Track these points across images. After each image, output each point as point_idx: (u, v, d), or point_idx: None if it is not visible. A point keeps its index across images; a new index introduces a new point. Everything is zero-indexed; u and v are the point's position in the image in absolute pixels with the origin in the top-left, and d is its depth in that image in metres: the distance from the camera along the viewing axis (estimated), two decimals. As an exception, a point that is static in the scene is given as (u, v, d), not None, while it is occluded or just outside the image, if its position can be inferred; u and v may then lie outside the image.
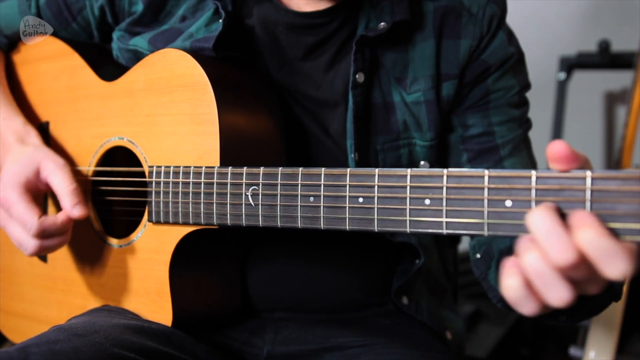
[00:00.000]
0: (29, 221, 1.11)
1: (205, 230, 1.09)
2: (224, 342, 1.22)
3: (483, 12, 1.19)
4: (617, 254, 0.67)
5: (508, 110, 1.22)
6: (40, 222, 1.11)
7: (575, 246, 0.68)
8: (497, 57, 1.20)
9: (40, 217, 1.12)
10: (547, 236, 0.69)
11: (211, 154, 1.07)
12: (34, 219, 1.11)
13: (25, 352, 0.93)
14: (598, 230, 0.67)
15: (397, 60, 1.18)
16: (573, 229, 0.68)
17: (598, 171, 0.70)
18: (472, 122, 1.22)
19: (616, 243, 0.67)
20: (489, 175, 0.77)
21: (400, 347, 1.17)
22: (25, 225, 1.12)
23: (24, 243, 1.14)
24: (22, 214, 1.12)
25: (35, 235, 1.11)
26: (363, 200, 0.87)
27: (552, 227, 0.69)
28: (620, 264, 0.67)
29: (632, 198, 0.68)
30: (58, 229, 1.13)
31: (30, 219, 1.11)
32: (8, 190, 1.15)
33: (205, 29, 1.19)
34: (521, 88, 1.24)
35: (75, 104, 1.30)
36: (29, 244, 1.13)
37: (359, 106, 1.16)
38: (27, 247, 1.13)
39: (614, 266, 0.67)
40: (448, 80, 1.19)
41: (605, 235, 0.67)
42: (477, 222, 0.77)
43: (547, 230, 0.69)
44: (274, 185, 0.96)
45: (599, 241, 0.67)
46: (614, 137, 2.78)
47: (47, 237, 1.13)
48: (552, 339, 2.46)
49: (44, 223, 1.11)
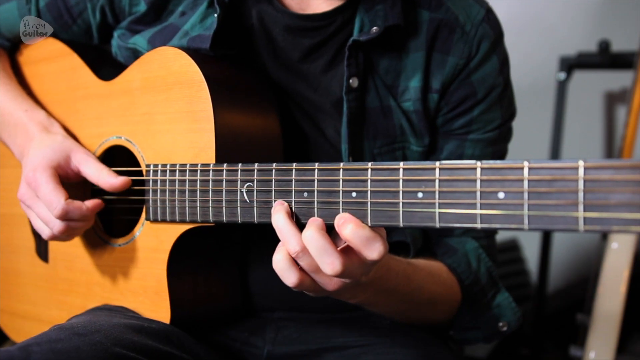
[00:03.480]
0: (54, 201, 1.13)
1: (203, 228, 1.09)
2: (224, 342, 1.22)
3: (475, 31, 1.18)
4: (375, 239, 0.85)
5: (484, 146, 1.23)
6: (66, 203, 1.12)
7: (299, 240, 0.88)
8: (485, 85, 1.20)
9: (66, 199, 1.13)
10: (281, 234, 0.91)
11: (207, 152, 1.07)
12: (60, 200, 1.12)
13: (27, 351, 0.94)
14: (356, 224, 0.85)
15: (390, 68, 1.18)
16: (340, 228, 0.86)
17: (591, 160, 0.69)
18: (446, 147, 1.23)
19: (370, 231, 0.85)
20: (481, 167, 0.76)
21: (400, 347, 1.16)
22: (51, 205, 1.13)
23: (50, 223, 1.15)
24: (49, 194, 1.14)
25: (59, 216, 1.12)
26: (356, 194, 0.87)
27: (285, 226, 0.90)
28: (378, 246, 0.85)
29: (625, 187, 0.67)
30: (82, 214, 1.14)
31: (57, 199, 1.13)
32: (38, 171, 1.16)
33: (199, 25, 1.19)
34: (503, 121, 1.24)
35: (75, 104, 1.31)
36: (55, 224, 1.14)
37: (353, 111, 1.16)
38: (53, 226, 1.14)
39: (373, 249, 0.85)
40: (433, 92, 1.19)
41: (362, 227, 0.85)
42: (470, 213, 0.77)
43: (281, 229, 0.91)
44: (269, 181, 0.96)
45: (357, 232, 0.85)
46: (614, 137, 2.77)
47: (72, 220, 1.14)
48: (552, 339, 2.45)
49: (69, 205, 1.13)
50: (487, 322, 1.24)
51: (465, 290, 1.20)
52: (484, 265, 1.24)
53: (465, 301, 1.21)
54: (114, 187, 1.15)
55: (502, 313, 1.25)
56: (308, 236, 0.87)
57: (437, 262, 1.21)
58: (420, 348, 1.17)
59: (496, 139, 1.24)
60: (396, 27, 1.15)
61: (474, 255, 1.23)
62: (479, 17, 1.19)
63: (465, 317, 1.23)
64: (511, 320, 1.25)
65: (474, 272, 1.22)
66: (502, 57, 1.23)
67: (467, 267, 1.21)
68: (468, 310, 1.22)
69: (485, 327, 1.24)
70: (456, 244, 1.24)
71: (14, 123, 1.29)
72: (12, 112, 1.29)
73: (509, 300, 1.26)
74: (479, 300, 1.23)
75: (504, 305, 1.25)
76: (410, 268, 1.09)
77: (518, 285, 2.64)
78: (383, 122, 1.19)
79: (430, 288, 1.15)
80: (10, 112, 1.30)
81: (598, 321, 1.79)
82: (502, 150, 1.28)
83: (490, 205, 0.76)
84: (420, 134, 1.20)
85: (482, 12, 1.20)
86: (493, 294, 1.25)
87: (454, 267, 1.20)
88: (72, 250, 1.29)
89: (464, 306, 1.22)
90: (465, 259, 1.22)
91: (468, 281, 1.21)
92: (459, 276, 1.20)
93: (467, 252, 1.23)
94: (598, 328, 1.78)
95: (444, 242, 1.25)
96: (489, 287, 1.24)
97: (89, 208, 1.15)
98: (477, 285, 1.22)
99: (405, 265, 1.08)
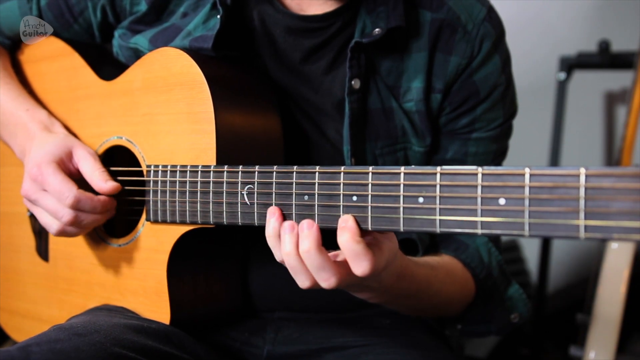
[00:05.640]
0: (66, 191, 1.13)
1: (203, 230, 1.09)
2: (224, 342, 1.22)
3: (477, 31, 1.18)
4: (363, 256, 0.85)
5: (487, 143, 1.24)
6: (78, 192, 1.13)
7: None
8: (488, 84, 1.20)
9: (78, 189, 1.13)
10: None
11: (208, 153, 1.07)
12: (72, 189, 1.13)
13: (27, 352, 0.94)
14: (352, 235, 0.85)
15: (392, 69, 1.18)
16: (338, 231, 0.86)
17: (592, 168, 0.69)
18: (450, 147, 1.24)
19: (362, 248, 0.85)
20: (483, 173, 0.76)
21: (400, 347, 1.17)
22: (62, 195, 1.13)
23: (58, 212, 1.14)
24: (59, 185, 1.14)
25: (71, 205, 1.12)
26: (357, 198, 0.87)
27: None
28: (365, 264, 0.85)
29: (627, 195, 0.67)
30: (94, 205, 1.14)
31: (68, 189, 1.13)
32: (43, 165, 1.16)
33: (202, 26, 1.19)
34: (505, 120, 1.25)
35: (75, 103, 1.31)
36: (64, 213, 1.13)
37: (355, 112, 1.16)
38: (63, 216, 1.14)
39: (358, 265, 0.85)
40: (436, 93, 1.20)
41: (356, 241, 0.85)
42: (470, 220, 0.77)
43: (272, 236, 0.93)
44: (269, 183, 0.96)
45: (349, 244, 0.85)
46: (614, 137, 2.77)
47: (82, 211, 1.14)
48: (552, 339, 2.45)
49: (80, 194, 1.13)
50: (499, 315, 1.25)
51: (480, 285, 1.22)
52: (494, 259, 1.25)
53: (479, 295, 1.23)
54: (102, 191, 1.15)
55: (514, 305, 1.26)
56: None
57: (451, 258, 1.22)
58: (420, 348, 1.17)
59: (498, 136, 1.25)
60: (398, 29, 1.15)
61: (485, 250, 1.24)
62: (481, 16, 1.19)
63: (478, 311, 1.24)
64: (522, 312, 1.26)
65: (487, 266, 1.23)
66: (504, 55, 1.23)
67: (480, 261, 1.22)
68: (481, 305, 1.24)
69: (498, 320, 1.26)
70: (467, 239, 1.24)
71: (15, 122, 1.29)
72: (13, 112, 1.29)
73: (520, 292, 1.28)
74: (492, 293, 1.24)
75: (516, 297, 1.27)
76: (432, 273, 1.10)
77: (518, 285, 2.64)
78: (385, 123, 1.19)
79: (449, 289, 1.16)
80: (11, 111, 1.30)
81: (598, 321, 1.79)
82: (504, 146, 1.29)
83: (491, 211, 0.76)
84: (422, 134, 1.20)
85: (483, 11, 1.20)
86: (505, 287, 1.26)
87: (468, 262, 1.21)
88: (73, 249, 1.29)
89: (477, 300, 1.23)
90: (477, 254, 1.23)
91: (482, 275, 1.22)
92: (473, 270, 1.21)
93: (479, 247, 1.24)
94: (598, 328, 1.78)
95: (455, 237, 1.25)
96: (500, 280, 1.25)
97: (100, 200, 1.15)
98: (490, 279, 1.23)
99: (428, 270, 1.09)
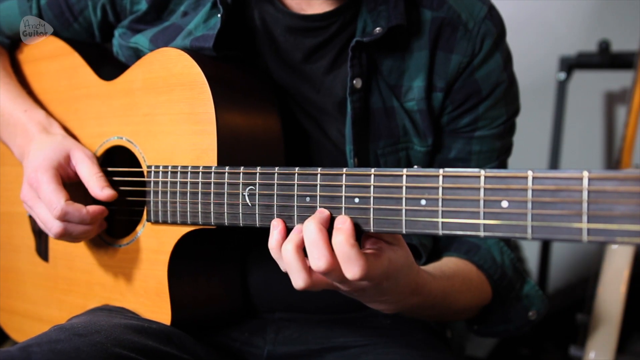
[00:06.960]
0: (54, 202, 1.12)
1: (204, 231, 1.09)
2: (224, 342, 1.22)
3: (478, 28, 1.18)
4: (355, 261, 0.83)
5: (491, 141, 1.24)
6: (65, 204, 1.12)
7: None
8: (489, 82, 1.20)
9: (66, 201, 1.13)
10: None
11: (209, 154, 1.07)
12: (60, 201, 1.12)
13: (27, 352, 0.94)
14: (347, 237, 0.83)
15: (394, 68, 1.18)
16: (334, 231, 0.85)
17: (595, 171, 0.69)
18: (454, 146, 1.24)
19: (355, 252, 0.83)
20: (485, 176, 0.76)
21: (400, 347, 1.17)
22: (51, 205, 1.13)
23: (48, 223, 1.15)
24: (49, 195, 1.13)
25: (58, 217, 1.12)
26: (359, 200, 0.87)
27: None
28: (355, 269, 0.83)
29: (630, 199, 0.67)
30: (82, 217, 1.13)
31: (57, 200, 1.12)
32: (40, 171, 1.16)
33: (203, 25, 1.19)
34: (508, 117, 1.25)
35: (75, 103, 1.30)
36: (53, 225, 1.14)
37: (357, 112, 1.16)
38: (52, 227, 1.14)
39: (348, 269, 0.83)
40: (437, 91, 1.19)
41: (350, 244, 0.83)
42: (473, 222, 0.77)
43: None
44: (271, 185, 0.95)
45: (342, 246, 0.83)
46: (614, 137, 2.77)
47: (71, 222, 1.14)
48: (552, 339, 2.45)
49: (68, 207, 1.12)
50: (517, 314, 1.24)
51: (495, 286, 1.21)
52: (507, 258, 1.24)
53: (495, 297, 1.22)
54: (98, 197, 1.15)
55: (531, 302, 1.25)
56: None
57: (465, 263, 1.21)
58: (420, 348, 1.18)
59: (502, 134, 1.25)
60: (399, 28, 1.15)
61: (496, 249, 1.23)
62: (482, 14, 1.19)
63: (495, 312, 1.24)
64: (540, 308, 1.25)
65: (500, 266, 1.22)
66: (505, 53, 1.23)
67: (493, 262, 1.22)
68: (499, 305, 1.23)
69: (516, 319, 1.25)
70: (477, 240, 1.24)
71: (14, 123, 1.28)
72: (12, 113, 1.29)
73: (536, 289, 1.27)
74: (508, 293, 1.23)
75: (532, 295, 1.26)
76: (448, 284, 1.10)
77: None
78: (386, 123, 1.19)
79: (466, 296, 1.16)
80: (10, 112, 1.29)
81: (598, 321, 1.79)
82: (508, 143, 1.29)
83: (494, 214, 0.75)
84: (423, 134, 1.20)
85: (484, 9, 1.20)
86: (520, 285, 1.25)
87: (481, 264, 1.21)
88: (73, 249, 1.29)
89: (494, 302, 1.22)
90: (490, 255, 1.22)
91: (496, 276, 1.21)
92: (487, 272, 1.21)
93: (490, 247, 1.23)
94: (598, 328, 1.78)
95: (465, 239, 1.25)
96: (515, 278, 1.25)
97: (89, 212, 1.14)
98: (504, 278, 1.22)
99: (444, 282, 1.09)
